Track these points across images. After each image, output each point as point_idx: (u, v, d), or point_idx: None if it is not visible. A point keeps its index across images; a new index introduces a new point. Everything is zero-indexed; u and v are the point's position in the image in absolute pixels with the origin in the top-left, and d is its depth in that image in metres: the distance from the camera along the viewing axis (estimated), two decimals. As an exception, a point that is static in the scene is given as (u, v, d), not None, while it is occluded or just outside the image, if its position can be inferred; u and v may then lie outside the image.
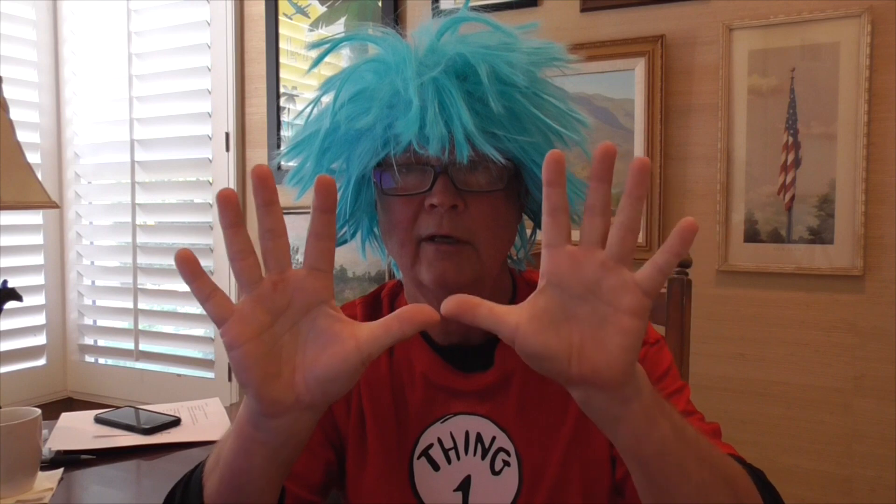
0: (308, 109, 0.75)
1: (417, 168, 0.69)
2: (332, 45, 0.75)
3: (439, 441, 0.75)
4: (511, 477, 0.73)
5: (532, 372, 0.75)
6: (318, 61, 0.77)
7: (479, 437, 0.74)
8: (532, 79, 0.68)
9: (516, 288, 0.81)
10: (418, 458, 0.75)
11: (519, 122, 0.68)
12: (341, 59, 1.59)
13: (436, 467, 0.74)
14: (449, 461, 0.74)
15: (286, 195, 0.76)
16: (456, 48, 0.67)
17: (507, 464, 0.73)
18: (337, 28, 1.99)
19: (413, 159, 0.68)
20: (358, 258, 0.82)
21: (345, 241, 0.79)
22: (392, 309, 0.80)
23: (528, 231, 0.83)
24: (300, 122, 0.77)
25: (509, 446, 0.74)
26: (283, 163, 0.77)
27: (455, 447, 0.74)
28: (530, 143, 0.69)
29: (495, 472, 0.73)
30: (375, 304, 0.82)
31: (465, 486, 0.74)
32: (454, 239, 0.68)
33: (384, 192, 0.71)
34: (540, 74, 0.70)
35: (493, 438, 0.74)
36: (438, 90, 0.65)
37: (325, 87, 0.73)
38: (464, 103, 0.65)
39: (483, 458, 0.74)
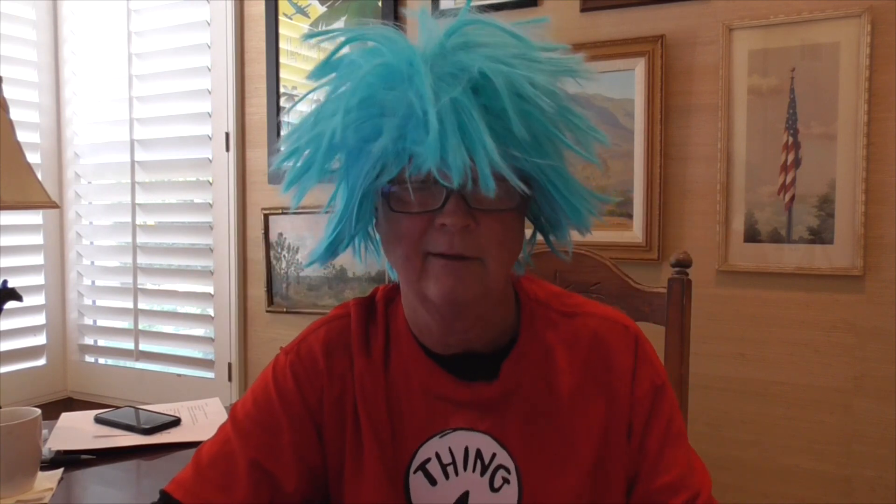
0: (303, 104, 0.70)
1: (429, 186, 0.65)
2: (340, 46, 0.70)
3: (437, 456, 0.73)
4: (511, 494, 0.72)
5: (540, 391, 0.75)
6: (326, 61, 0.71)
7: (478, 454, 0.73)
8: (553, 97, 0.65)
9: (517, 298, 0.78)
10: (415, 472, 0.74)
11: (538, 143, 0.65)
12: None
13: (433, 482, 0.73)
14: (447, 476, 0.73)
15: (284, 195, 0.74)
16: (472, 61, 0.62)
17: (506, 481, 0.72)
18: (337, 28, 1.99)
19: (432, 179, 0.64)
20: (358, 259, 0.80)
21: (346, 247, 0.76)
22: (387, 314, 0.78)
23: (528, 233, 0.79)
24: (294, 116, 0.73)
25: (509, 463, 0.72)
26: (279, 167, 0.73)
27: (454, 462, 0.73)
28: (548, 165, 0.66)
29: (494, 489, 0.72)
30: (370, 307, 0.80)
31: (462, 502, 0.73)
32: (464, 256, 0.66)
33: (392, 209, 0.68)
34: (559, 91, 0.67)
35: (494, 455, 0.73)
36: (456, 110, 0.61)
37: (318, 76, 0.69)
38: (484, 126, 0.61)
39: (482, 474, 0.73)
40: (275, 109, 2.08)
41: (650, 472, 0.73)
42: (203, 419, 1.43)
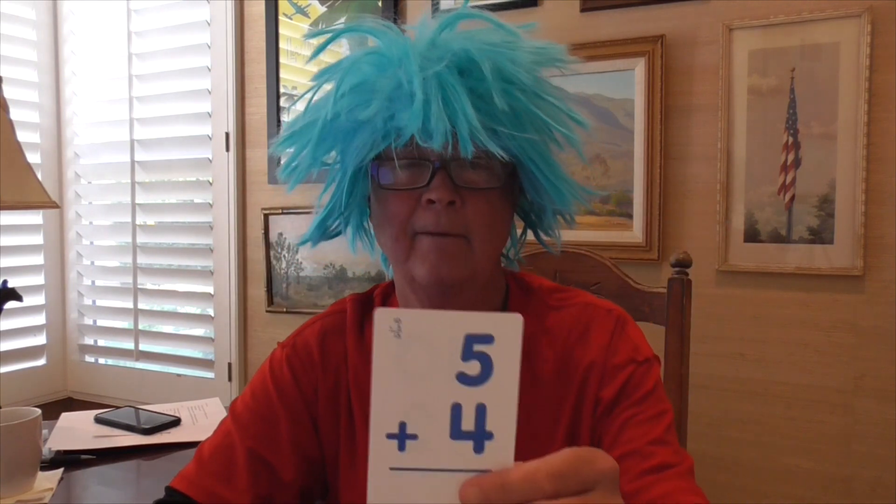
0: (303, 101, 0.74)
1: (416, 163, 0.68)
2: (334, 36, 0.74)
3: None
4: None
5: (523, 378, 0.75)
6: (318, 52, 0.76)
7: None
8: (534, 78, 0.68)
9: (508, 288, 0.80)
10: None
11: (519, 120, 0.67)
12: (339, 55, 1.60)
13: None
14: None
15: (284, 195, 0.76)
16: (460, 44, 0.66)
17: None
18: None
19: (414, 153, 0.67)
20: (358, 258, 0.81)
21: (338, 234, 0.79)
22: (384, 307, 0.80)
23: (519, 231, 0.82)
24: (294, 114, 0.76)
25: None
26: (276, 152, 0.76)
27: None
28: (528, 142, 0.68)
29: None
30: (367, 302, 0.82)
31: None
32: (450, 234, 0.68)
33: (381, 185, 0.70)
34: (541, 74, 0.70)
35: None
36: (442, 85, 0.64)
37: (321, 77, 0.72)
38: (467, 99, 0.64)
39: None
40: (275, 109, 2.08)
41: (612, 441, 0.70)
42: (203, 419, 1.43)
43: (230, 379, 2.19)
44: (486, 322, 0.42)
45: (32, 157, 1.73)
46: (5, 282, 1.37)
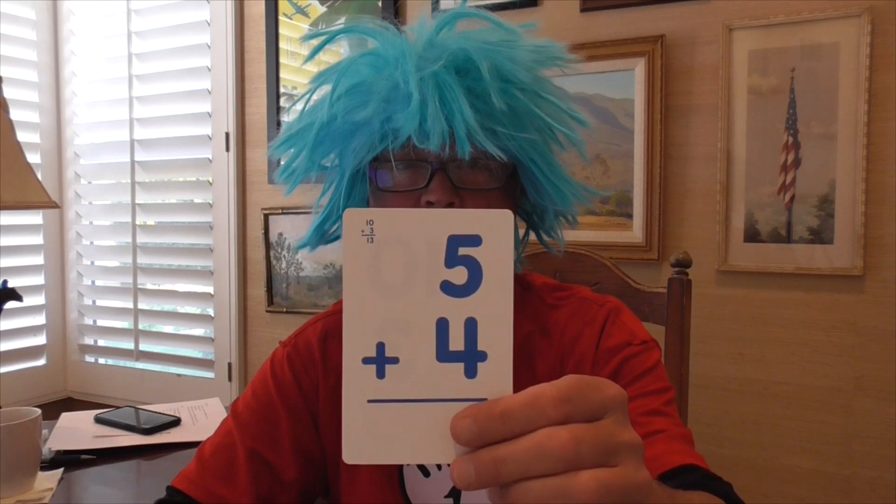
0: (301, 103, 0.73)
1: (414, 164, 0.67)
2: (329, 37, 0.73)
3: None
4: None
5: (522, 376, 0.75)
6: (314, 53, 0.75)
7: None
8: (533, 77, 0.67)
9: None
10: (408, 464, 0.75)
11: (518, 119, 0.66)
12: (339, 56, 1.60)
13: (426, 473, 0.74)
14: (440, 467, 0.74)
15: (284, 195, 0.76)
16: (457, 43, 0.65)
17: None
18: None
19: (412, 155, 0.67)
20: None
21: (337, 238, 0.78)
22: None
23: (521, 232, 0.82)
24: (292, 116, 0.75)
25: None
26: (274, 155, 0.76)
27: None
28: (528, 142, 0.67)
29: None
30: None
31: (455, 493, 0.73)
32: None
33: (379, 188, 0.70)
34: (540, 73, 0.69)
35: None
36: (439, 85, 0.63)
37: (319, 80, 0.71)
38: (465, 99, 0.63)
39: None
40: (275, 109, 2.08)
41: None
42: (203, 419, 1.43)
43: (230, 379, 2.19)
44: (472, 220, 0.36)
45: (32, 157, 1.73)
46: (5, 282, 1.37)
